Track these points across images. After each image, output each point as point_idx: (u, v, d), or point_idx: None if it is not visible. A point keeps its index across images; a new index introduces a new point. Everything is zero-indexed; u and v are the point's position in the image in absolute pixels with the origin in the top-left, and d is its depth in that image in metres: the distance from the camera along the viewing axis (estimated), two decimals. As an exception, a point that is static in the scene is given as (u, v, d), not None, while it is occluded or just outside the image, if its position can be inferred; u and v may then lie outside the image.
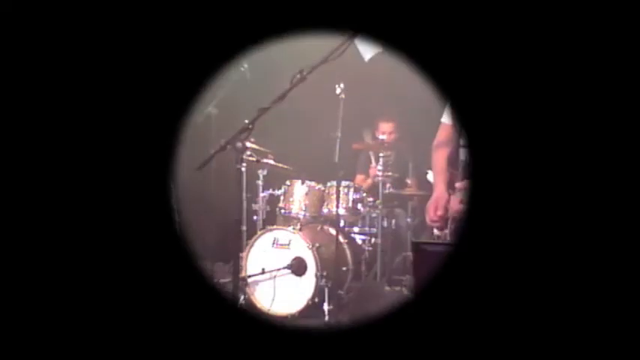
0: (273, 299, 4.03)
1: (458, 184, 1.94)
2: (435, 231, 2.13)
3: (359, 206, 4.40)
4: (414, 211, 4.57)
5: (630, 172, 1.26)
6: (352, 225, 4.69)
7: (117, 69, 1.50)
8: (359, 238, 4.69)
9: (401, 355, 1.30)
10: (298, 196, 4.41)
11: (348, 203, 4.33)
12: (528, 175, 1.30)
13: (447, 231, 2.06)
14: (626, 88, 1.29)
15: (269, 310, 4.04)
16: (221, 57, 1.72)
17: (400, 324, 1.32)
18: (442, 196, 2.10)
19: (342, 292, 4.20)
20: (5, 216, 1.43)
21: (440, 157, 2.22)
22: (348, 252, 4.32)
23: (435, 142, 2.32)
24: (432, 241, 2.09)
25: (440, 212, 2.07)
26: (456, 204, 1.94)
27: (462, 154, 2.07)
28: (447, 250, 1.47)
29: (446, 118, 2.28)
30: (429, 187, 4.52)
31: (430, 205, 2.12)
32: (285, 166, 4.46)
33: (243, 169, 4.24)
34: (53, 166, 1.46)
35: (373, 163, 4.27)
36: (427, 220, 2.15)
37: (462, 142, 2.08)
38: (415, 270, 1.46)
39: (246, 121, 2.05)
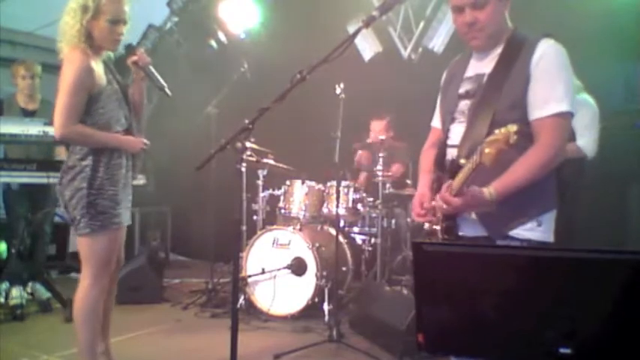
0: (273, 299, 4.03)
1: (452, 183, 1.89)
2: (427, 225, 2.12)
3: (359, 206, 4.40)
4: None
5: None
6: (352, 225, 4.70)
7: None
8: (359, 238, 4.70)
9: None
10: (298, 196, 4.41)
11: (348, 203, 4.33)
12: None
13: (438, 228, 2.05)
14: None
15: (269, 310, 4.04)
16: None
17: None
18: (424, 192, 2.10)
19: (342, 292, 4.21)
20: None
21: (427, 158, 2.21)
22: (348, 252, 4.33)
23: (425, 146, 2.32)
24: (433, 241, 2.08)
25: (426, 204, 2.06)
26: (448, 200, 1.85)
27: (449, 153, 2.05)
28: (449, 250, 1.46)
29: (435, 122, 2.27)
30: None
31: (415, 202, 2.12)
32: (285, 166, 4.46)
33: (243, 169, 4.25)
34: None
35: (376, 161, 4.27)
36: (414, 216, 2.14)
37: (449, 142, 2.06)
38: (415, 270, 1.45)
39: (246, 121, 2.05)
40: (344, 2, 5.23)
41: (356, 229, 4.70)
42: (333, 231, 4.20)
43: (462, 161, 1.84)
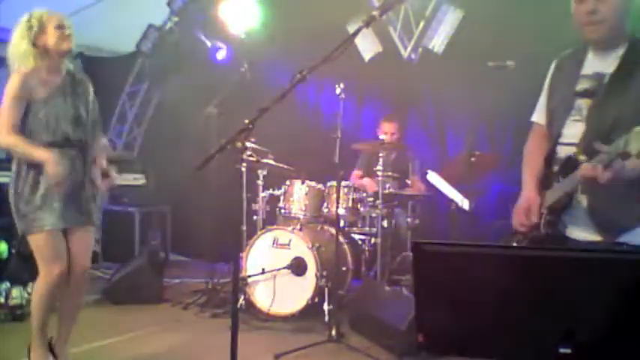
0: (273, 299, 4.03)
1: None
2: (521, 229, 2.06)
3: (359, 206, 4.40)
4: (415, 211, 4.57)
5: None
6: (352, 225, 4.69)
7: None
8: (359, 238, 4.69)
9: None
10: (298, 196, 4.41)
11: (348, 203, 4.33)
12: None
13: (541, 222, 1.99)
14: None
15: (269, 310, 4.04)
16: None
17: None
18: (532, 196, 2.02)
19: (342, 292, 4.20)
20: None
21: (535, 158, 2.13)
22: (348, 252, 4.32)
23: (530, 145, 2.23)
24: (432, 240, 2.06)
25: (534, 219, 1.99)
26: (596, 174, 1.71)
27: (562, 151, 2.00)
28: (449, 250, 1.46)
29: (538, 117, 2.21)
30: (429, 187, 4.52)
31: (521, 209, 2.04)
32: (285, 166, 4.46)
33: (243, 169, 4.24)
34: None
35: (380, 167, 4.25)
36: (516, 223, 2.07)
37: (562, 140, 2.01)
38: (415, 270, 1.45)
39: (246, 121, 2.05)
40: (344, 2, 5.23)
41: (356, 229, 4.70)
42: (333, 231, 4.20)
43: (582, 157, 1.81)
